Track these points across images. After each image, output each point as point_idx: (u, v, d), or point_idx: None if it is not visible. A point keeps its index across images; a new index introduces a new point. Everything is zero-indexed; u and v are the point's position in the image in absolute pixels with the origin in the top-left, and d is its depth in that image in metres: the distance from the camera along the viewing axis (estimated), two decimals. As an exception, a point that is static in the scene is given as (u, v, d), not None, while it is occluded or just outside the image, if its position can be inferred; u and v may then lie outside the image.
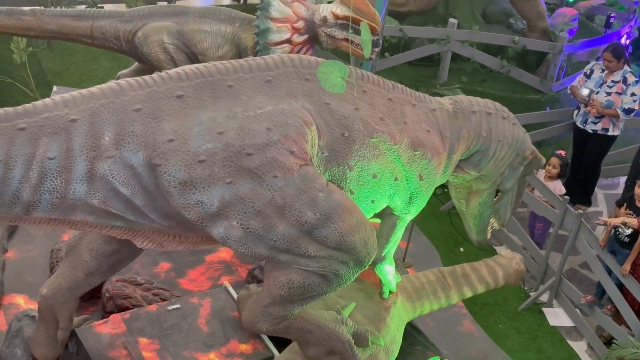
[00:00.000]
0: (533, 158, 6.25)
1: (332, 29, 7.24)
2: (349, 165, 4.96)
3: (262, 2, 7.25)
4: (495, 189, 6.25)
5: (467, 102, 5.92)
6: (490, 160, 5.96)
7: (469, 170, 5.98)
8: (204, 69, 4.64)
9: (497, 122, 5.96)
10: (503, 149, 5.98)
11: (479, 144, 5.88)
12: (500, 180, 6.19)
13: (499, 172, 6.10)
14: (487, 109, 5.95)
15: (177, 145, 4.30)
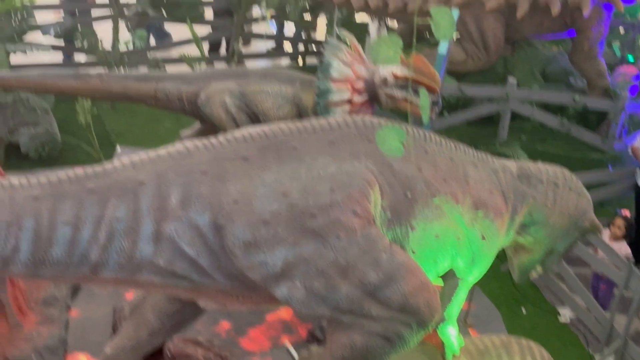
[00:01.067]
0: (591, 226, 6.18)
1: (392, 89, 7.27)
2: (411, 226, 4.94)
3: (323, 63, 7.32)
4: None
5: (535, 170, 5.87)
6: (549, 229, 5.91)
7: (525, 235, 5.92)
8: (269, 131, 4.70)
9: (564, 194, 5.91)
10: (563, 220, 5.92)
11: (542, 214, 5.83)
12: (553, 244, 6.13)
13: (554, 239, 6.05)
14: (556, 180, 5.90)
15: (242, 206, 4.34)
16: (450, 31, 3.09)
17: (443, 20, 3.02)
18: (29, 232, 4.02)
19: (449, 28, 3.06)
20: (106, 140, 10.52)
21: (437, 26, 3.03)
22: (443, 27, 3.04)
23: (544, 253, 6.15)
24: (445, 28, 3.04)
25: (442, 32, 3.03)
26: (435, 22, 3.06)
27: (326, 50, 7.29)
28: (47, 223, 4.06)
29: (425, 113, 3.86)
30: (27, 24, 10.64)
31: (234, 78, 7.72)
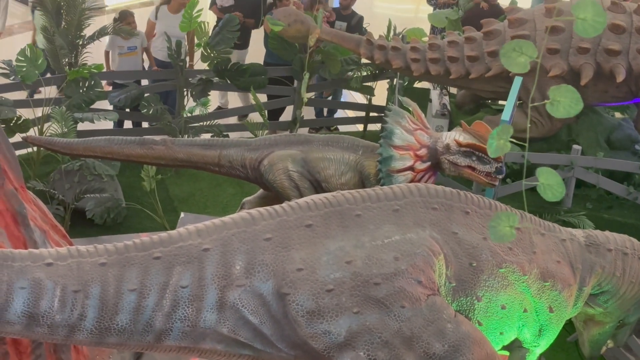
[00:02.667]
0: None
1: (455, 156, 7.25)
2: (477, 296, 4.88)
3: (385, 130, 7.34)
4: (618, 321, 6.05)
5: (602, 238, 5.78)
6: (619, 300, 5.80)
7: (594, 305, 5.82)
8: (332, 199, 4.70)
9: (633, 262, 5.81)
10: (634, 290, 5.82)
11: (612, 284, 5.72)
12: (624, 316, 6.00)
13: (624, 310, 5.92)
14: (625, 248, 5.80)
15: (306, 274, 4.33)
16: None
17: (564, 98, 3.00)
18: (96, 300, 4.05)
19: (573, 106, 3.03)
20: (170, 207, 10.64)
21: (557, 104, 3.01)
22: (563, 105, 3.02)
23: (614, 325, 6.01)
24: (567, 106, 3.01)
25: (562, 111, 3.01)
26: (554, 102, 3.04)
27: (388, 117, 7.32)
28: (113, 290, 4.09)
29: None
30: (95, 93, 10.90)
31: (297, 145, 7.77)
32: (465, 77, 10.58)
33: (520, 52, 2.99)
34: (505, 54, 3.02)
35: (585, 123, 11.33)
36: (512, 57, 3.00)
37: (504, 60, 3.04)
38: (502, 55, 3.06)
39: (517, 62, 3.00)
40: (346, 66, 12.25)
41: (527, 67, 3.05)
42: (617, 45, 10.10)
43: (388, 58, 10.62)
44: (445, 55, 10.55)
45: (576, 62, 10.19)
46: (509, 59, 3.00)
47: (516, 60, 2.99)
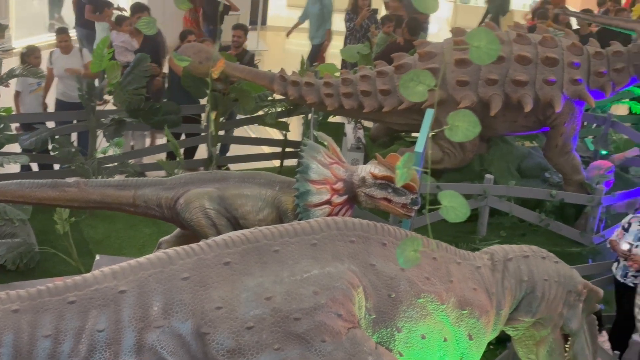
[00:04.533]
0: (589, 292, 6.15)
1: (371, 188, 7.31)
2: (397, 327, 4.91)
3: (301, 165, 7.36)
4: (560, 333, 6.11)
5: (501, 252, 5.92)
6: (542, 301, 5.88)
7: (522, 317, 5.89)
8: (250, 235, 4.69)
9: (537, 262, 5.93)
10: (552, 288, 5.90)
11: (523, 289, 5.82)
12: (562, 322, 6.07)
13: (557, 313, 5.99)
14: (524, 252, 5.94)
15: (225, 312, 4.29)
16: (473, 132, 3.12)
17: (462, 122, 3.05)
18: (9, 348, 3.94)
19: (473, 127, 3.08)
20: (85, 249, 10.43)
21: (455, 129, 3.06)
22: (462, 129, 3.07)
23: (558, 337, 6.07)
24: (465, 130, 3.06)
25: (460, 135, 3.06)
26: (453, 127, 3.09)
27: (304, 152, 7.35)
28: (27, 337, 3.98)
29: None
30: (5, 136, 10.66)
31: (213, 182, 7.74)
32: (379, 110, 10.70)
33: (418, 82, 3.04)
34: (403, 84, 3.07)
35: (496, 153, 11.57)
36: (410, 87, 3.05)
37: (403, 90, 3.09)
38: (401, 86, 3.11)
39: (415, 91, 3.05)
40: (260, 102, 12.25)
41: (425, 95, 3.10)
42: (524, 76, 10.36)
43: (302, 94, 10.68)
44: (358, 90, 10.66)
45: (485, 93, 10.41)
46: (407, 89, 3.06)
47: (414, 89, 3.05)
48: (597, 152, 12.77)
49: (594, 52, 10.73)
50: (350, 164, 8.16)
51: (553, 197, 10.75)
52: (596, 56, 10.71)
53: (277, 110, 12.58)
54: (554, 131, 10.84)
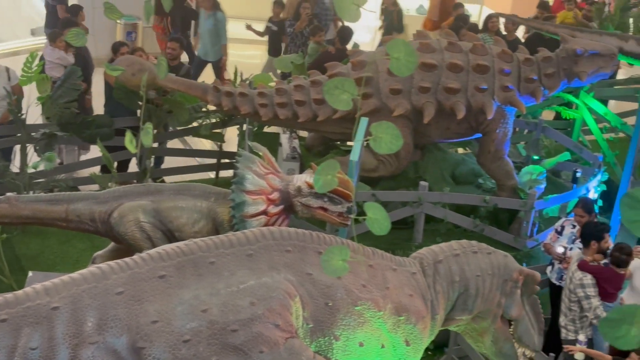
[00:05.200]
0: (525, 277, 6.23)
1: (307, 198, 7.32)
2: (334, 335, 4.91)
3: (236, 176, 7.34)
4: (503, 321, 6.17)
5: (431, 255, 5.96)
6: (477, 297, 5.93)
7: (459, 316, 5.94)
8: (185, 247, 4.66)
9: (468, 259, 5.98)
10: (486, 282, 5.96)
11: (456, 289, 5.87)
12: (501, 311, 6.13)
13: (494, 304, 6.05)
14: (454, 251, 5.99)
15: (161, 326, 4.25)
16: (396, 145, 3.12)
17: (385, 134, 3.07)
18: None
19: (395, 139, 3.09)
20: (17, 266, 10.24)
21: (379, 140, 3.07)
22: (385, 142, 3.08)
23: (499, 326, 6.12)
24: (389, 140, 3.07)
25: (385, 145, 3.08)
26: (376, 138, 3.10)
27: (239, 163, 7.33)
28: (-44, 357, 3.90)
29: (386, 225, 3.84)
30: None
31: (147, 195, 7.67)
32: (313, 119, 10.72)
33: (343, 90, 3.06)
34: (328, 91, 3.08)
35: (430, 160, 11.67)
36: (335, 95, 3.07)
37: (328, 98, 3.10)
38: (326, 93, 3.13)
39: (340, 99, 3.07)
40: (194, 114, 12.18)
41: (349, 104, 3.12)
42: (455, 83, 10.49)
43: (236, 104, 10.65)
44: (292, 99, 10.67)
45: (418, 101, 10.50)
46: (332, 96, 3.07)
47: (339, 97, 3.07)
48: (529, 158, 12.97)
49: (524, 59, 10.91)
50: (286, 174, 8.16)
51: (487, 203, 10.89)
52: (526, 63, 10.88)
53: (212, 121, 12.53)
54: (486, 137, 10.99)
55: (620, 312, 2.51)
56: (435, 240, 10.85)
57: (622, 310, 2.51)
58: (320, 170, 3.03)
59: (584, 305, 8.43)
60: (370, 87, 10.51)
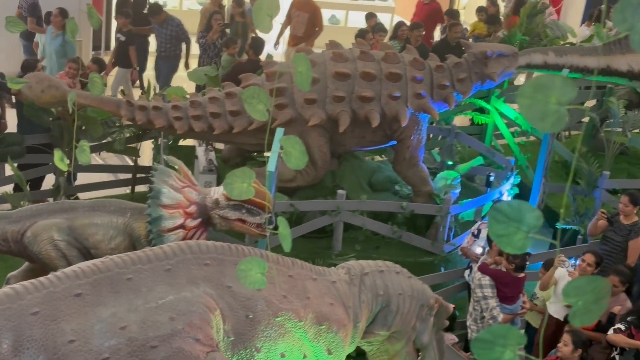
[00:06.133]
0: (439, 306, 6.31)
1: (225, 210, 7.30)
2: (256, 347, 4.90)
3: (152, 190, 7.27)
4: (413, 347, 6.25)
5: (358, 267, 6.02)
6: (396, 315, 6.00)
7: (378, 331, 5.99)
8: (101, 265, 4.59)
9: (392, 277, 6.06)
10: (405, 302, 6.04)
11: (379, 303, 5.93)
12: (414, 336, 6.20)
13: (410, 327, 6.13)
14: (379, 267, 6.07)
15: (79, 345, 4.18)
16: (303, 161, 3.14)
17: (294, 149, 3.08)
18: None
19: (302, 156, 3.11)
20: None
21: (288, 155, 3.08)
22: (294, 157, 3.09)
23: (411, 351, 6.19)
24: (297, 156, 3.09)
25: (294, 161, 3.08)
26: (286, 152, 3.11)
27: (155, 177, 7.27)
28: None
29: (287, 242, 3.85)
30: None
31: (61, 213, 7.54)
32: (229, 131, 10.69)
33: (259, 100, 3.07)
34: (246, 100, 3.09)
35: (347, 168, 11.74)
36: (252, 104, 3.08)
37: (247, 107, 3.11)
38: (245, 101, 3.13)
39: (257, 109, 3.08)
40: (108, 129, 12.01)
41: (264, 115, 3.13)
42: (369, 92, 10.58)
43: (150, 118, 10.54)
44: (207, 112, 10.61)
45: (333, 110, 10.56)
46: (250, 106, 3.08)
47: (256, 107, 3.08)
48: (443, 163, 13.16)
49: (436, 66, 11.08)
50: (203, 187, 8.12)
51: (404, 209, 11.00)
52: (438, 69, 11.05)
53: (126, 135, 12.36)
54: (401, 145, 11.11)
55: (492, 333, 2.48)
56: (354, 247, 10.93)
57: (494, 331, 2.48)
58: (231, 177, 3.02)
59: (482, 306, 8.58)
60: (285, 98, 10.53)
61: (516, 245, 2.49)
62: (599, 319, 7.66)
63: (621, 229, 9.78)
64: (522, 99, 2.45)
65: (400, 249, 11.10)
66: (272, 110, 3.07)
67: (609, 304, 8.12)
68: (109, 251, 7.24)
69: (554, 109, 2.40)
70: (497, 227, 2.47)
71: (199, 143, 12.41)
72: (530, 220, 2.46)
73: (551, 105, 2.40)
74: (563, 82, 2.41)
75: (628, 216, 9.79)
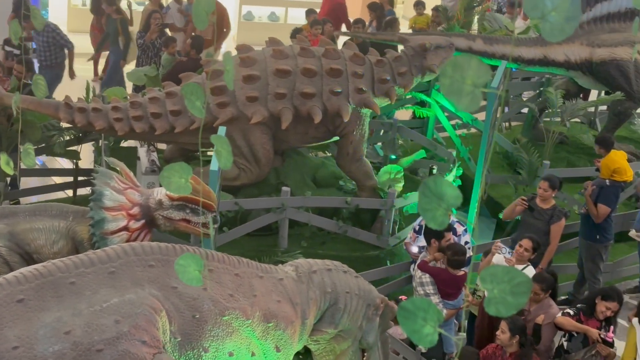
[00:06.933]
0: (385, 307, 6.35)
1: (169, 211, 7.25)
2: (203, 347, 4.88)
3: (94, 193, 7.19)
4: (359, 346, 6.27)
5: (306, 265, 6.03)
6: (344, 313, 6.03)
7: (326, 329, 6.00)
8: (44, 269, 4.52)
9: (339, 275, 6.09)
10: (353, 301, 6.07)
11: (327, 301, 5.95)
12: (360, 335, 6.23)
13: (357, 326, 6.16)
14: (327, 266, 6.09)
15: (23, 351, 4.12)
16: (231, 160, 3.14)
17: (223, 149, 3.07)
18: None
19: (229, 156, 3.11)
20: None
21: (219, 154, 3.08)
22: (224, 155, 3.09)
23: (357, 350, 6.22)
24: (226, 157, 3.08)
25: (223, 160, 3.07)
26: (217, 151, 3.10)
27: (96, 180, 7.19)
28: None
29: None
30: None
31: (1, 219, 7.42)
32: (171, 131, 10.61)
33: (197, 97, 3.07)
34: (186, 96, 3.08)
35: (291, 165, 11.75)
36: (192, 101, 3.07)
37: (188, 103, 3.11)
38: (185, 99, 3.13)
39: (195, 105, 3.08)
40: (47, 132, 11.84)
41: (202, 112, 3.12)
42: (310, 88, 10.59)
43: (90, 120, 10.42)
44: (148, 112, 10.52)
45: (275, 107, 10.55)
46: (190, 102, 3.08)
47: (195, 103, 3.08)
48: (386, 157, 13.23)
49: (376, 61, 11.13)
50: (146, 188, 8.05)
51: (348, 204, 11.03)
52: (378, 64, 11.10)
53: (66, 138, 12.20)
54: (344, 140, 11.14)
55: (414, 304, 2.54)
56: (300, 244, 10.93)
57: (415, 302, 2.54)
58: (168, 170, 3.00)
59: None
60: (226, 96, 10.48)
61: (437, 220, 2.57)
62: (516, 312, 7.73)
63: (542, 214, 9.91)
64: (443, 78, 2.50)
65: (346, 243, 11.14)
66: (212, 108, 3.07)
67: (528, 306, 8.25)
68: (51, 256, 7.14)
69: (469, 90, 2.46)
70: (423, 200, 2.57)
71: (140, 144, 12.30)
72: (450, 199, 2.55)
73: (467, 86, 2.45)
74: (478, 64, 2.45)
75: (546, 200, 9.92)
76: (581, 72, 13.68)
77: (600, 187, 10.36)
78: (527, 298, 2.47)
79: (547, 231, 9.84)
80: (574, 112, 13.66)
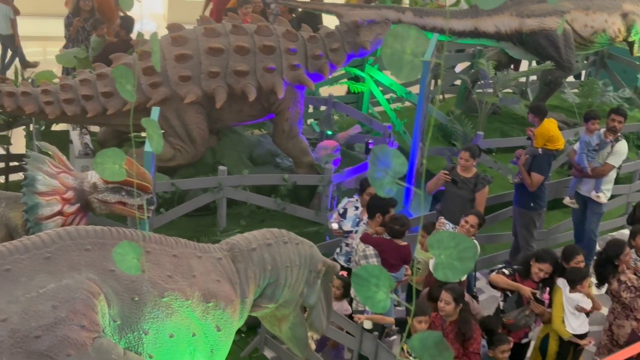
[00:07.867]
0: (327, 268, 6.38)
1: (104, 194, 7.18)
2: (143, 330, 4.85)
3: (27, 179, 7.07)
4: (300, 309, 6.31)
5: (244, 242, 6.00)
6: (284, 288, 6.04)
7: (265, 304, 6.01)
8: (-24, 257, 4.45)
9: (280, 249, 6.08)
10: (294, 273, 6.08)
11: (267, 278, 5.95)
12: (302, 300, 6.26)
13: (298, 294, 6.18)
14: (267, 240, 6.06)
15: (-42, 342, 4.05)
16: (162, 144, 3.11)
17: (154, 132, 3.04)
18: None
19: (160, 139, 3.08)
20: None
21: (150, 138, 3.04)
22: (155, 139, 3.06)
23: (298, 312, 6.24)
24: (157, 140, 3.05)
25: (154, 144, 3.04)
26: (148, 135, 3.07)
27: (28, 164, 7.07)
28: None
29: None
30: None
31: None
32: (103, 113, 10.48)
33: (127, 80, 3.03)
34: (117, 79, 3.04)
35: (227, 144, 11.70)
36: (122, 84, 3.04)
37: (118, 86, 3.07)
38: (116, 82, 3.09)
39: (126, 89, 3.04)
40: (-24, 118, 11.61)
41: (133, 95, 3.08)
42: (244, 66, 10.54)
43: (19, 104, 10.23)
44: (79, 95, 10.37)
45: (209, 86, 10.48)
46: (120, 85, 3.04)
47: (125, 87, 3.04)
48: (323, 133, 13.25)
49: (309, 37, 11.11)
50: (80, 171, 7.95)
51: (286, 181, 11.04)
52: (311, 40, 11.09)
53: (-5, 121, 11.98)
54: (279, 117, 11.13)
55: (366, 270, 2.60)
56: (240, 223, 10.92)
57: (368, 269, 2.60)
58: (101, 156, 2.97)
59: None
60: (158, 76, 10.37)
61: (384, 188, 2.59)
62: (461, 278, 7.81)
63: (465, 183, 10.00)
64: (384, 48, 2.52)
65: (285, 220, 11.15)
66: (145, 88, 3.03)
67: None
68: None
69: (408, 59, 2.48)
70: (372, 169, 2.59)
71: (72, 127, 12.12)
72: (396, 166, 2.57)
73: (407, 55, 2.48)
74: (417, 34, 2.48)
75: (468, 169, 10.02)
76: (512, 42, 13.83)
77: (533, 155, 10.52)
78: (474, 263, 2.51)
79: (472, 199, 9.94)
80: (505, 83, 13.82)
